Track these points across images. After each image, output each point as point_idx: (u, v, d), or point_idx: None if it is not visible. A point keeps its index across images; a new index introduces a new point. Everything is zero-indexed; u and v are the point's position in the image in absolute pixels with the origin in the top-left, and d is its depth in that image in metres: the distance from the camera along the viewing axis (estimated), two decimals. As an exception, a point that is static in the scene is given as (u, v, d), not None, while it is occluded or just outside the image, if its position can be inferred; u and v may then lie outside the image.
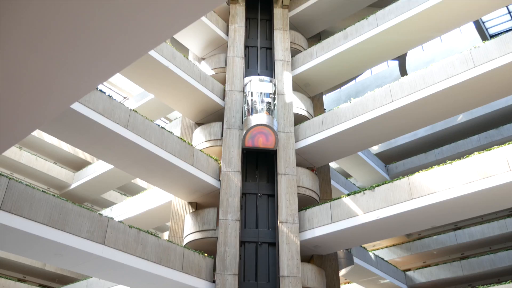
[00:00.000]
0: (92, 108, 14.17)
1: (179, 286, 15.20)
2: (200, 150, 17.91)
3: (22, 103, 4.37)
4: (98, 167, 26.78)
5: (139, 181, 31.90)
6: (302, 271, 16.43)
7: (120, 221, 14.28)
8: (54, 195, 12.88)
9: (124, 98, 32.87)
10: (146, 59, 16.99)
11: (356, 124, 17.60)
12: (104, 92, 14.96)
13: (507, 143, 13.87)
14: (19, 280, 26.25)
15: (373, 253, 24.67)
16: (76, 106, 13.67)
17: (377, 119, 17.27)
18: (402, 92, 16.75)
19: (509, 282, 12.81)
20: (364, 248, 23.68)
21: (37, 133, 27.88)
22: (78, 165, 30.34)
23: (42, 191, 12.62)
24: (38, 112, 4.51)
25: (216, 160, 18.19)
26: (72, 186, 28.57)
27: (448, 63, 16.04)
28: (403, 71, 29.77)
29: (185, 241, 17.42)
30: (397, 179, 15.74)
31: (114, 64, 4.11)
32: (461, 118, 28.63)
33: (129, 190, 32.47)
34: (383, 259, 25.77)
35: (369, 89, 29.40)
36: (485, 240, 26.66)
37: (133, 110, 15.82)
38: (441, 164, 15.00)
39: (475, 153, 14.41)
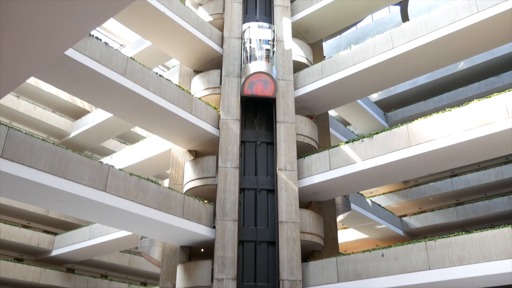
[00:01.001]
0: (89, 56, 13.96)
1: (180, 231, 15.59)
2: (198, 98, 17.82)
3: (16, 49, 4.30)
4: (97, 116, 26.76)
5: (138, 130, 31.97)
6: (301, 216, 16.79)
7: (120, 169, 14.43)
8: (54, 144, 12.94)
9: (121, 45, 32.33)
10: (142, 5, 16.56)
11: (356, 72, 17.42)
12: (100, 39, 14.68)
13: (507, 90, 13.80)
14: (24, 226, 26.87)
15: (370, 200, 25.12)
16: (72, 54, 13.46)
17: (377, 66, 17.08)
18: (403, 39, 16.46)
19: (502, 227, 13.10)
20: (361, 194, 24.09)
21: (34, 82, 27.63)
22: (76, 113, 30.29)
23: (42, 139, 12.65)
24: (33, 58, 4.44)
25: (215, 108, 18.14)
26: (72, 135, 28.65)
27: (451, 8, 15.67)
28: (405, 17, 29.13)
29: (185, 188, 17.68)
30: (396, 127, 15.77)
31: (108, 8, 4.01)
32: (462, 65, 28.32)
33: (129, 139, 32.61)
34: (379, 205, 26.27)
35: (370, 35, 28.87)
36: (480, 186, 27.08)
37: (130, 57, 15.59)
38: (440, 112, 14.98)
39: (475, 100, 14.36)
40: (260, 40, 18.42)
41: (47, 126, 28.45)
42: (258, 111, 18.71)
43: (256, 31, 18.67)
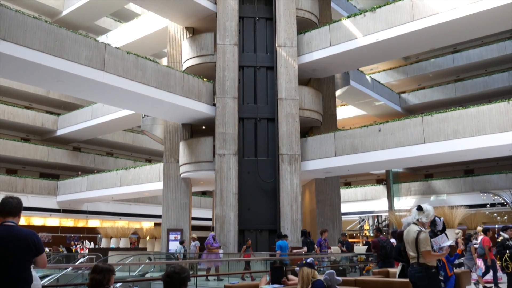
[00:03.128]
0: None
1: (180, 109, 15.81)
2: (193, -30, 16.86)
3: None
4: (88, -10, 25.52)
5: (132, 7, 30.73)
6: (300, 93, 16.87)
7: (117, 48, 14.17)
8: (47, 22, 12.53)
9: None
10: None
11: None
12: None
13: (520, -42, 12.97)
14: (26, 107, 27.18)
15: (370, 77, 25.07)
16: None
17: None
18: None
19: (499, 102, 13.24)
20: (361, 71, 23.97)
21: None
22: (66, -11, 28.85)
23: (34, 17, 12.22)
24: None
25: (211, -19, 17.26)
26: (64, 13, 27.61)
27: None
28: None
29: (184, 66, 17.53)
30: (400, 0, 15.12)
31: None
32: None
33: (124, 16, 31.50)
34: (379, 82, 26.29)
35: None
36: (481, 62, 26.86)
37: None
38: (447, -17, 14.27)
39: (485, -31, 13.58)
40: None
41: (37, 4, 27.31)
42: (256, -16, 17.82)
43: None
